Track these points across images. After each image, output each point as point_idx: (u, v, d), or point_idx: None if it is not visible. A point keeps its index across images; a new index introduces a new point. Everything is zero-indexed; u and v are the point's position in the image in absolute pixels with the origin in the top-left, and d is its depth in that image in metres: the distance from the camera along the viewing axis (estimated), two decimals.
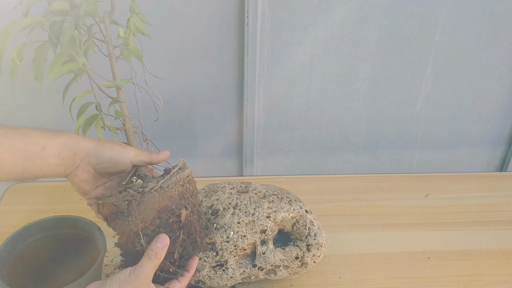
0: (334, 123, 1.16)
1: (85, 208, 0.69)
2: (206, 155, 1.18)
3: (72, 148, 0.61)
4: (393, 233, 0.94)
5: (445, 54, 1.09)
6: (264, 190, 0.82)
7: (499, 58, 1.10)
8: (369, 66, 1.08)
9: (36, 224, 0.75)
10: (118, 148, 0.64)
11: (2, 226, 0.91)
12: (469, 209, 1.02)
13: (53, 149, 0.60)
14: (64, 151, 0.61)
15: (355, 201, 1.03)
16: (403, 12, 1.02)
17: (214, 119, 1.12)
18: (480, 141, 1.23)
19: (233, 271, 0.74)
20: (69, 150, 0.61)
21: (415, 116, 1.17)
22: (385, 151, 1.22)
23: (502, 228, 0.96)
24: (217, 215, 0.76)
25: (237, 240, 0.74)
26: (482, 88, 1.14)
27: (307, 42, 1.04)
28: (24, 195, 1.01)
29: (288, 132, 1.16)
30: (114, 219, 0.61)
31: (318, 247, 0.77)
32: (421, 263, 0.87)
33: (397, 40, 1.06)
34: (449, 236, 0.94)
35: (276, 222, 0.76)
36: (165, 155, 0.66)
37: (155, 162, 0.65)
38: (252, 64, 1.03)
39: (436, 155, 1.24)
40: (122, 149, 0.64)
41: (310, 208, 0.82)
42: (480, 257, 0.89)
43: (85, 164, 0.63)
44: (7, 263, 0.71)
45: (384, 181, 1.10)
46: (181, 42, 1.01)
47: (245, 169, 1.19)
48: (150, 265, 0.58)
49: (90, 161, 0.63)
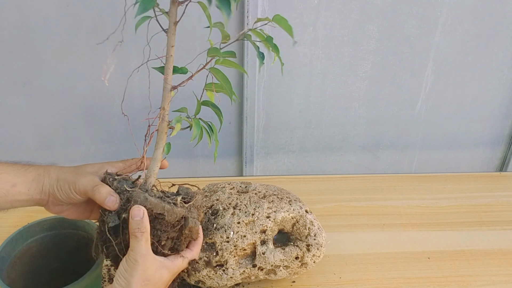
0: (334, 123, 1.16)
1: None
2: (206, 155, 1.18)
3: (38, 186, 0.61)
4: (393, 233, 0.94)
5: (445, 54, 1.09)
6: (264, 190, 0.82)
7: (499, 58, 1.10)
8: (369, 66, 1.08)
9: (36, 224, 0.75)
10: (68, 184, 0.61)
11: (2, 226, 0.91)
12: (469, 209, 1.02)
13: (22, 186, 0.60)
14: (32, 188, 0.61)
15: (355, 201, 1.03)
16: (403, 12, 1.02)
17: (214, 119, 1.12)
18: (480, 141, 1.23)
19: (233, 271, 0.74)
20: (35, 188, 0.61)
21: (415, 116, 1.17)
22: (385, 151, 1.22)
23: (502, 228, 0.96)
24: (217, 215, 0.76)
25: (237, 240, 0.74)
26: (482, 88, 1.14)
27: (307, 42, 1.04)
28: None
29: (288, 132, 1.16)
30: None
31: (318, 247, 0.77)
32: (421, 263, 0.87)
33: (397, 40, 1.06)
34: (449, 236, 0.94)
35: (276, 222, 0.76)
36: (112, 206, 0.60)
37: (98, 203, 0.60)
38: (252, 64, 1.03)
39: (436, 155, 1.24)
40: (71, 185, 0.61)
41: (310, 208, 0.82)
42: (480, 257, 0.89)
43: (53, 200, 0.62)
44: (7, 263, 0.71)
45: (384, 181, 1.10)
46: (181, 42, 1.01)
47: (245, 169, 1.19)
48: (139, 244, 0.57)
49: (55, 198, 0.62)
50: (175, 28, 0.59)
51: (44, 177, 0.62)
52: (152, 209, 0.59)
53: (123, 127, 1.10)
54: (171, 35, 0.59)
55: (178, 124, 0.61)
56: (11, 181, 0.60)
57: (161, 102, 0.62)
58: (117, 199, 0.59)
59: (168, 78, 0.61)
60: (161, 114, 0.62)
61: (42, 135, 1.10)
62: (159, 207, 0.59)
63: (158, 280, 0.58)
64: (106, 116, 1.08)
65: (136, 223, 0.57)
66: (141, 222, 0.57)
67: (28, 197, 0.61)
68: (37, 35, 0.96)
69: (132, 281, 0.56)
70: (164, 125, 0.62)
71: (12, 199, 0.60)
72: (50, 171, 0.62)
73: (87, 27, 0.97)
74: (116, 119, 1.09)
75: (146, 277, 0.57)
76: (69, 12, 0.95)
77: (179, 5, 0.57)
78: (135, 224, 0.57)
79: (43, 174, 0.62)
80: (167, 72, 0.60)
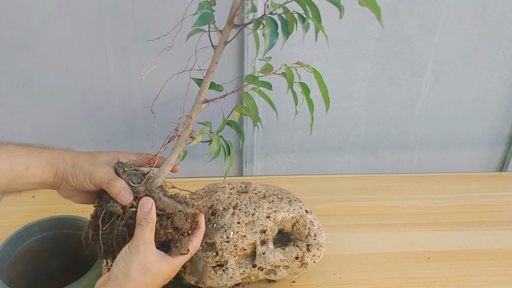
0: (334, 123, 1.16)
1: (85, 208, 0.69)
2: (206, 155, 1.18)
3: (52, 169, 0.62)
4: (393, 233, 0.94)
5: (445, 54, 1.09)
6: (264, 190, 0.82)
7: (499, 58, 1.10)
8: (369, 66, 1.08)
9: (36, 224, 0.75)
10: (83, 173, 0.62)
11: (2, 226, 0.91)
12: (469, 209, 1.02)
13: (36, 169, 0.61)
14: (46, 171, 0.61)
15: (355, 201, 1.03)
16: (403, 12, 1.02)
17: (214, 119, 1.12)
18: (480, 141, 1.23)
19: (233, 271, 0.74)
20: (50, 171, 0.61)
21: (415, 116, 1.17)
22: (385, 151, 1.22)
23: (502, 228, 0.96)
24: (217, 215, 0.76)
25: (237, 240, 0.74)
26: (482, 88, 1.14)
27: (307, 42, 1.04)
28: (24, 195, 1.01)
29: (288, 132, 1.16)
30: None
31: (318, 247, 0.77)
32: (421, 263, 0.87)
33: (397, 40, 1.06)
34: (449, 236, 0.94)
35: (276, 222, 0.76)
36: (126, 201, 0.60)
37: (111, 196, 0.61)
38: (252, 64, 1.03)
39: (436, 155, 1.24)
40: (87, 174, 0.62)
41: (310, 208, 0.82)
42: (480, 257, 0.89)
43: (65, 184, 0.63)
44: (7, 263, 0.71)
45: (384, 181, 1.10)
46: (181, 42, 1.01)
47: (245, 169, 1.19)
48: (144, 232, 0.58)
49: (67, 183, 0.63)
50: (224, 47, 0.62)
51: (58, 161, 0.62)
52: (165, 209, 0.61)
53: (123, 127, 1.10)
54: (218, 52, 0.62)
55: (200, 136, 0.65)
56: (24, 163, 0.60)
57: (190, 111, 0.65)
58: (130, 195, 0.60)
59: (204, 91, 0.64)
60: (187, 122, 0.65)
61: (42, 135, 1.09)
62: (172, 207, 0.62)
63: (158, 271, 0.59)
64: (106, 116, 1.08)
65: (144, 214, 0.58)
66: (148, 214, 0.58)
67: (41, 180, 0.61)
68: (37, 35, 0.96)
69: (131, 267, 0.57)
70: (186, 133, 0.65)
71: (26, 181, 0.60)
72: (66, 157, 0.63)
73: (87, 27, 0.97)
74: (116, 119, 1.09)
75: (146, 265, 0.57)
76: (69, 12, 0.95)
77: (234, 27, 0.61)
78: (143, 215, 0.58)
79: (57, 158, 0.62)
80: (204, 85, 0.64)
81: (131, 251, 0.57)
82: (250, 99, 0.67)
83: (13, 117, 1.07)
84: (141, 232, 0.58)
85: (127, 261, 0.57)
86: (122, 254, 0.58)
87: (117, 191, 0.60)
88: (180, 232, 0.63)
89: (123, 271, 0.57)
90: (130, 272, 0.56)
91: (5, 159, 0.59)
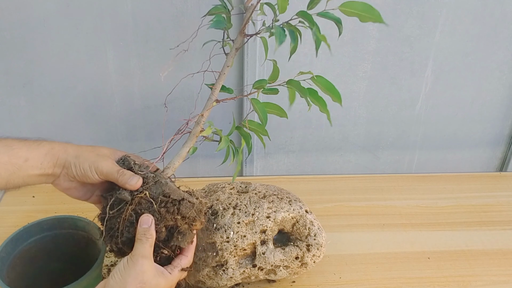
0: (334, 123, 1.16)
1: (85, 208, 0.69)
2: (206, 155, 1.18)
3: (52, 159, 0.62)
4: (393, 233, 0.94)
5: (445, 54, 1.08)
6: (264, 190, 0.82)
7: (499, 58, 1.10)
8: (369, 66, 1.08)
9: (36, 224, 0.75)
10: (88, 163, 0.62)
11: (2, 226, 0.91)
12: (469, 209, 1.02)
13: (35, 160, 0.61)
14: (45, 162, 0.62)
15: (355, 201, 1.03)
16: (403, 12, 1.02)
17: (214, 119, 1.12)
18: (480, 141, 1.22)
19: (233, 271, 0.74)
20: (49, 161, 0.62)
21: (415, 116, 1.17)
22: (385, 151, 1.22)
23: (502, 228, 0.96)
24: (217, 215, 0.76)
25: (237, 240, 0.74)
26: (482, 88, 1.14)
27: (307, 42, 1.03)
28: (24, 195, 1.02)
29: (288, 132, 1.16)
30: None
31: (318, 247, 0.77)
32: (421, 263, 0.87)
33: (397, 40, 1.06)
34: (449, 236, 0.94)
35: (276, 222, 0.76)
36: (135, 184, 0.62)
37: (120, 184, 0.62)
38: (252, 64, 1.03)
39: (436, 155, 1.24)
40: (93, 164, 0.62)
41: (310, 208, 0.82)
42: (480, 257, 0.89)
43: (65, 175, 0.63)
44: (7, 263, 0.71)
45: (384, 181, 1.10)
46: (181, 42, 1.01)
47: (245, 169, 1.19)
48: (143, 247, 0.58)
49: (68, 173, 0.63)
50: (235, 53, 0.69)
51: (59, 151, 0.62)
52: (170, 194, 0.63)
53: (123, 127, 1.10)
54: (230, 58, 0.69)
55: (209, 128, 0.69)
56: (23, 156, 0.60)
57: (202, 109, 0.69)
58: (139, 179, 0.62)
59: (216, 91, 0.69)
60: (199, 119, 0.69)
61: (42, 135, 1.09)
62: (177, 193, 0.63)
63: (154, 286, 0.58)
64: (106, 116, 1.08)
65: (144, 230, 0.59)
66: (148, 230, 0.59)
67: (40, 171, 0.61)
68: (37, 35, 0.96)
69: (128, 280, 0.56)
70: (197, 129, 0.69)
71: (25, 174, 0.61)
72: (67, 148, 0.63)
73: (87, 27, 0.97)
74: (116, 119, 1.09)
75: (143, 280, 0.57)
76: (69, 12, 0.95)
77: (245, 36, 0.68)
78: (143, 231, 0.59)
79: (58, 148, 0.63)
80: (216, 86, 0.70)
81: (129, 264, 0.57)
82: (259, 104, 0.71)
83: (13, 117, 1.07)
84: (141, 246, 0.58)
85: (124, 274, 0.56)
86: (119, 266, 0.58)
87: (126, 178, 0.61)
88: (185, 221, 0.63)
89: (119, 284, 0.56)
90: (127, 285, 0.56)
91: (4, 152, 0.59)
